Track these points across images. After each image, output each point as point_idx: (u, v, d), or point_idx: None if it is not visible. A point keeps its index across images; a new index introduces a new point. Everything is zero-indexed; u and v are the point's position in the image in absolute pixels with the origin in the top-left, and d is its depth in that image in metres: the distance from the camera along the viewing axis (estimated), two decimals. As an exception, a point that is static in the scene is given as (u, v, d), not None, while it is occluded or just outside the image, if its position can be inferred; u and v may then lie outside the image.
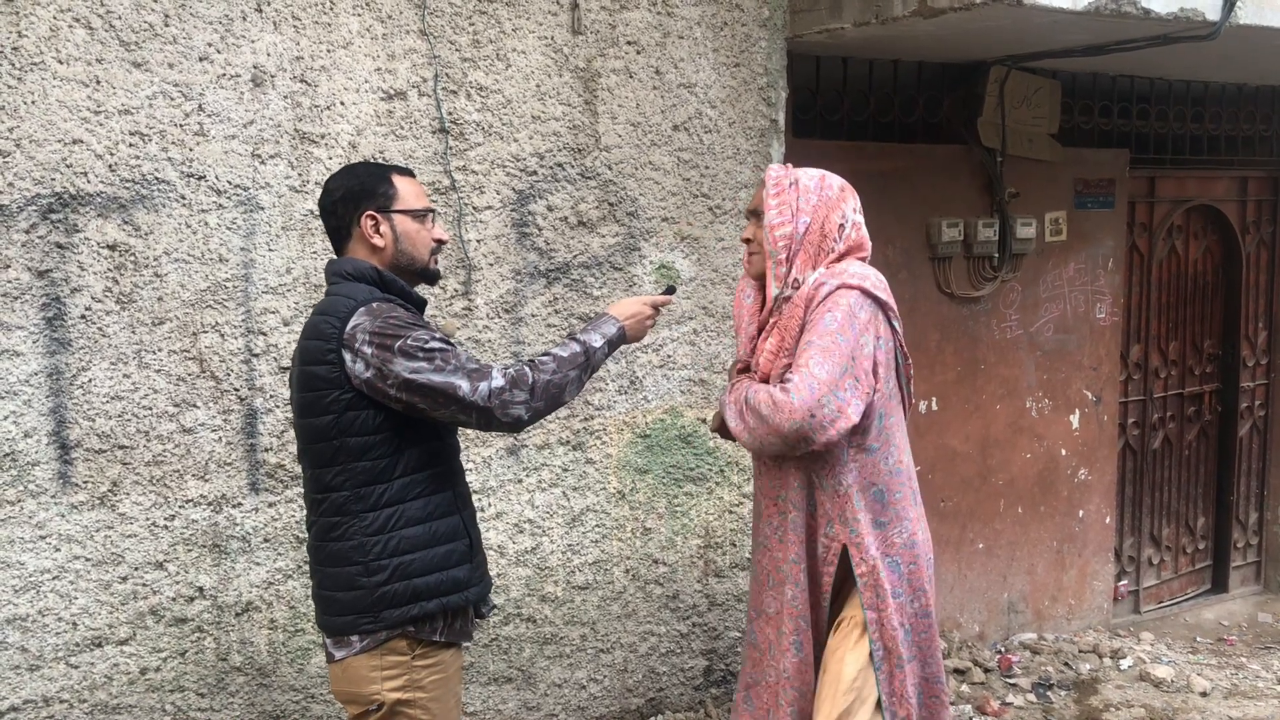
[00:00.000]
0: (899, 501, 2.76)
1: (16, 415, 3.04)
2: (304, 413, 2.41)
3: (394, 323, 2.33)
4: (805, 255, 2.69)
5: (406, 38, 3.45)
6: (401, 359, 2.30)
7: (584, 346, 2.49)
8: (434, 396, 2.31)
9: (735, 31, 3.99)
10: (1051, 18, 3.79)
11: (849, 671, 2.67)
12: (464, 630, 2.53)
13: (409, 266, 2.50)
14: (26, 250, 3.02)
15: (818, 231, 2.70)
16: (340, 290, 2.42)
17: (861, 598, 2.70)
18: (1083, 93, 5.20)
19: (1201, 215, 5.84)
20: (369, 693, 2.41)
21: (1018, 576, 5.23)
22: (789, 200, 2.69)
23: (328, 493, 2.40)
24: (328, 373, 2.35)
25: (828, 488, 2.72)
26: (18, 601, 3.08)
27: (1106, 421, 5.40)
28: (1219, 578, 6.12)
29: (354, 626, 2.39)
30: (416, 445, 2.42)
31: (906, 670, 2.71)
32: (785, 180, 2.72)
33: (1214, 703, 4.58)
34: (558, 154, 3.72)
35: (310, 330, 2.41)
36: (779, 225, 2.69)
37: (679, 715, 4.13)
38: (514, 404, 2.34)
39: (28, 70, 2.98)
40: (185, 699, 3.31)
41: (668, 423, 3.99)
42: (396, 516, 2.39)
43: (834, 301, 2.61)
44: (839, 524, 2.71)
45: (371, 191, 2.46)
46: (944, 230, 4.75)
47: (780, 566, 2.82)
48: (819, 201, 2.70)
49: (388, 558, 2.37)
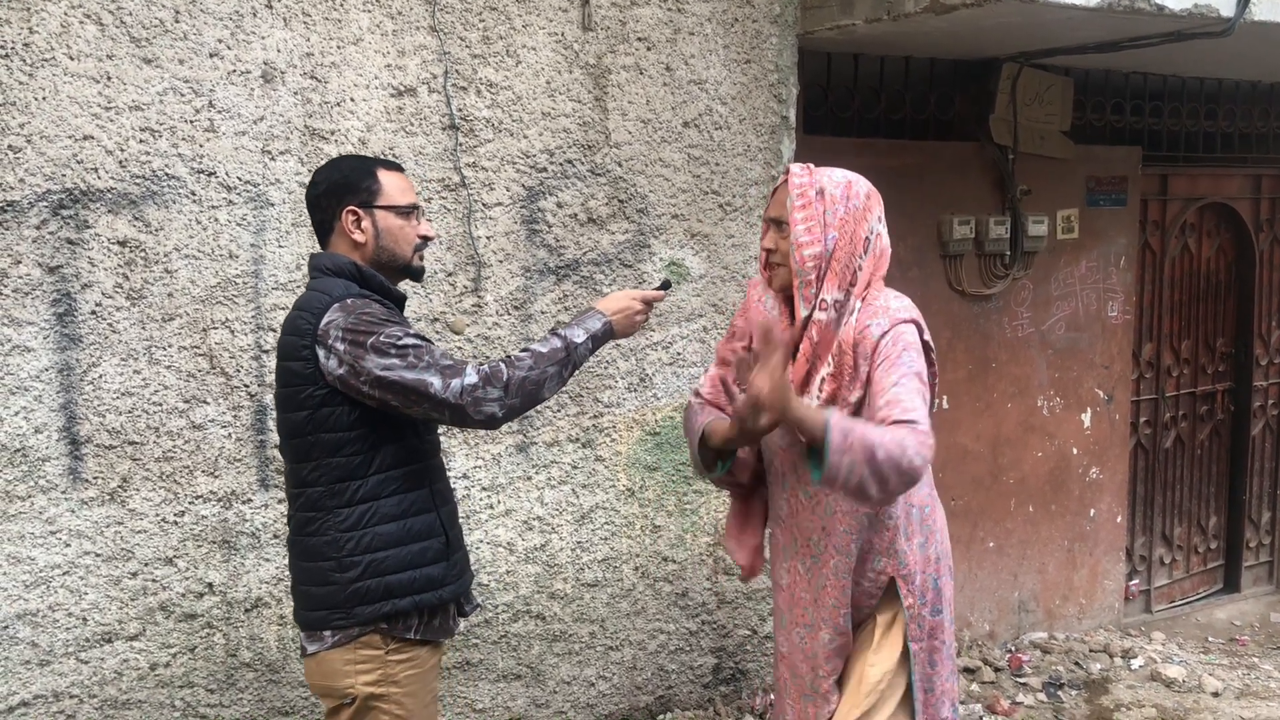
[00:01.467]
0: (929, 516, 2.67)
1: (27, 411, 3.05)
2: (282, 407, 2.41)
3: (367, 319, 2.31)
4: (834, 274, 2.52)
5: (417, 34, 3.45)
6: (374, 355, 2.27)
7: (565, 342, 2.44)
8: (406, 394, 2.29)
9: (746, 28, 3.97)
10: (1064, 14, 3.77)
11: (873, 675, 2.60)
12: (443, 628, 2.51)
13: (390, 263, 2.47)
14: (37, 246, 3.03)
15: (846, 248, 2.53)
16: (318, 285, 2.40)
17: (907, 630, 2.60)
18: (1095, 90, 5.17)
19: (1215, 213, 5.80)
20: (343, 686, 2.39)
21: (1028, 575, 5.21)
22: (816, 215, 2.51)
23: (304, 487, 2.39)
24: (302, 368, 2.34)
25: (877, 525, 2.59)
26: (28, 597, 3.09)
27: (1118, 420, 5.37)
28: (1231, 577, 6.09)
29: (326, 622, 2.38)
30: (392, 442, 2.40)
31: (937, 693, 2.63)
32: (810, 190, 2.52)
33: (1226, 703, 4.56)
34: (568, 150, 3.71)
35: (288, 325, 2.39)
36: (807, 245, 2.50)
37: (688, 713, 4.12)
38: (487, 401, 2.31)
39: (39, 66, 2.99)
40: (195, 694, 3.32)
41: (677, 420, 3.99)
42: (370, 513, 2.37)
43: (902, 340, 2.46)
44: (886, 557, 2.60)
45: (354, 186, 2.43)
46: (955, 228, 4.73)
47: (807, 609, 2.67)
48: (846, 214, 2.52)
49: (360, 554, 2.36)
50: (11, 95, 2.96)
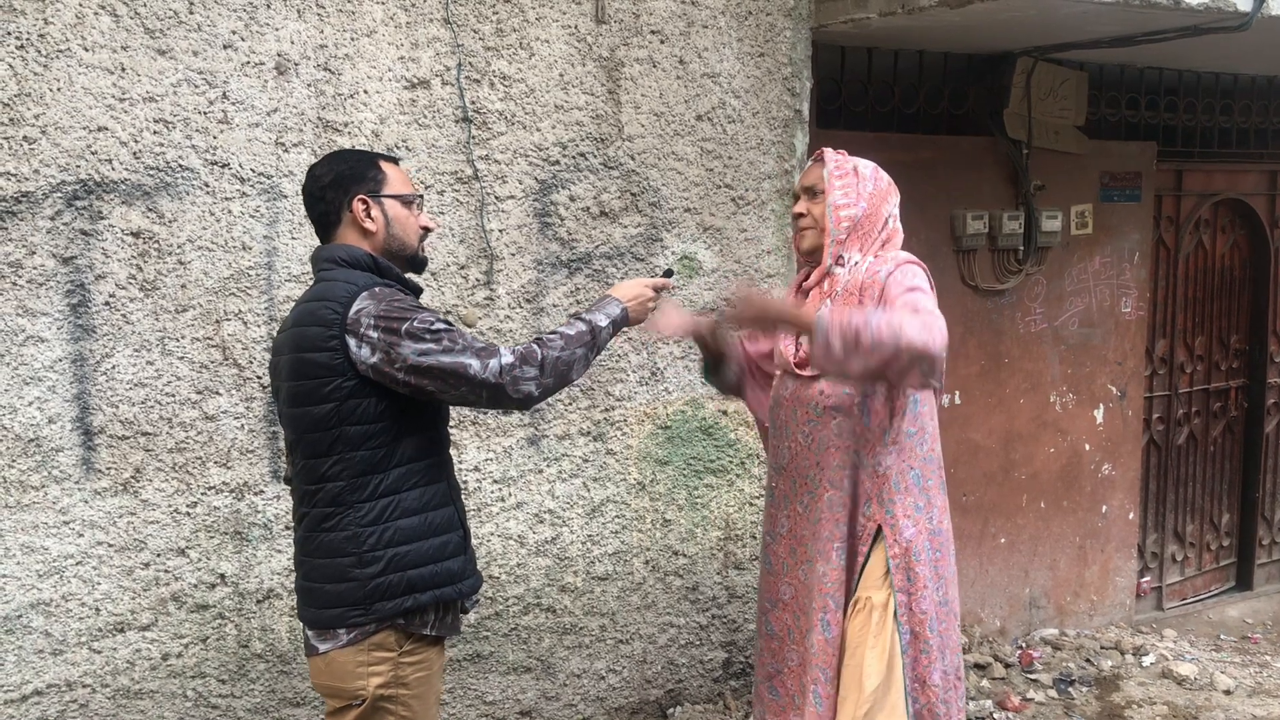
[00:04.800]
0: (930, 488, 2.81)
1: (41, 401, 3.06)
2: (298, 402, 2.36)
3: (399, 306, 2.31)
4: (856, 238, 2.81)
5: (430, 26, 3.44)
6: (409, 341, 2.27)
7: (590, 325, 2.47)
8: (444, 377, 2.28)
9: (760, 21, 3.96)
10: (1080, 8, 3.76)
11: (870, 682, 2.67)
12: (453, 624, 2.50)
13: (400, 252, 2.47)
14: (52, 237, 3.03)
15: (871, 218, 2.82)
16: (336, 276, 2.37)
17: (892, 579, 2.72)
18: (1110, 84, 5.15)
19: (1230, 209, 5.78)
20: (353, 687, 2.37)
21: (1040, 572, 5.19)
22: (852, 184, 2.81)
23: (323, 483, 2.35)
24: (329, 360, 2.30)
25: (868, 466, 2.76)
26: (42, 586, 3.10)
27: (1131, 416, 5.35)
28: (1244, 575, 6.07)
29: (343, 619, 2.35)
30: (414, 435, 2.39)
31: (933, 655, 2.72)
32: (847, 165, 2.83)
33: (1238, 700, 4.55)
34: (580, 143, 3.71)
35: (305, 317, 2.35)
36: (845, 206, 2.80)
37: (698, 707, 4.12)
38: (524, 380, 2.32)
39: (54, 58, 2.99)
40: (206, 685, 3.33)
41: (689, 414, 3.98)
42: (393, 506, 2.35)
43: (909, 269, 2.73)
44: (876, 504, 2.76)
45: (361, 176, 2.43)
46: (969, 222, 4.71)
47: (807, 544, 2.83)
48: (874, 190, 2.83)
49: (383, 549, 2.34)
50: (27, 86, 2.97)
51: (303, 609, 2.44)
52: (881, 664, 2.68)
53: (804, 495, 2.85)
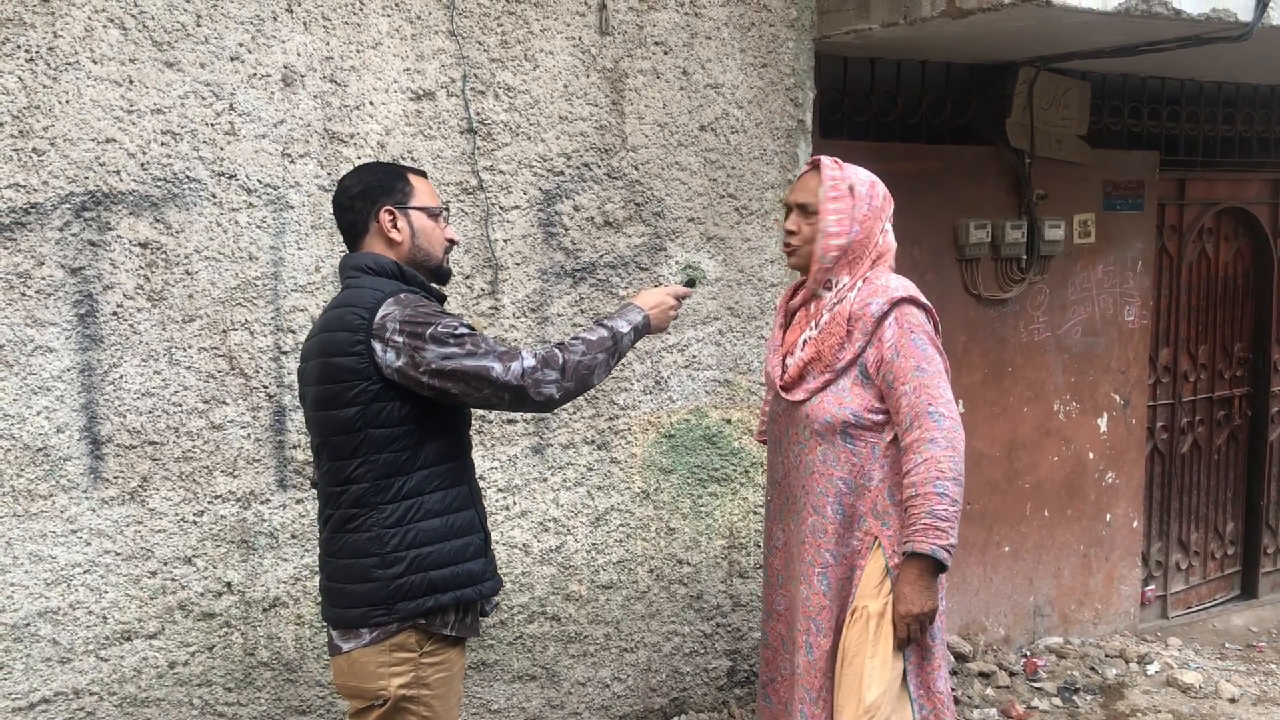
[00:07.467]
0: None
1: (49, 411, 3.08)
2: (324, 405, 2.41)
3: (423, 311, 2.36)
4: (847, 263, 2.79)
5: (435, 38, 3.47)
6: (433, 345, 2.31)
7: (612, 332, 2.51)
8: (467, 380, 2.33)
9: (763, 32, 3.98)
10: (1081, 18, 3.77)
11: (870, 692, 2.67)
12: (473, 626, 2.54)
13: (425, 263, 2.53)
14: (60, 248, 3.06)
15: (863, 242, 2.79)
16: (363, 283, 2.43)
17: (891, 587, 2.72)
18: (1112, 94, 5.16)
19: (1232, 217, 5.78)
20: (375, 688, 2.41)
21: (1044, 580, 5.19)
22: (846, 209, 2.76)
23: (347, 485, 2.40)
24: (355, 364, 2.35)
25: (856, 487, 2.76)
26: (49, 595, 3.12)
27: (1135, 425, 5.36)
28: (1248, 584, 6.06)
29: (366, 619, 2.39)
30: (437, 438, 2.43)
31: (935, 661, 2.73)
32: (843, 184, 2.77)
33: (1243, 709, 4.54)
34: (584, 154, 3.73)
35: (333, 323, 2.40)
36: (835, 236, 2.76)
37: (702, 715, 4.13)
38: (546, 383, 2.37)
39: (63, 70, 3.02)
40: (213, 693, 3.34)
41: (692, 423, 4.00)
42: (415, 508, 2.40)
43: (908, 322, 2.71)
44: (871, 518, 2.76)
45: (389, 187, 2.49)
46: (972, 231, 4.73)
47: (793, 566, 2.85)
48: (868, 212, 2.79)
49: (405, 550, 2.38)
50: (36, 99, 2.99)
51: (327, 609, 2.49)
52: (884, 673, 2.67)
53: (793, 514, 2.88)
